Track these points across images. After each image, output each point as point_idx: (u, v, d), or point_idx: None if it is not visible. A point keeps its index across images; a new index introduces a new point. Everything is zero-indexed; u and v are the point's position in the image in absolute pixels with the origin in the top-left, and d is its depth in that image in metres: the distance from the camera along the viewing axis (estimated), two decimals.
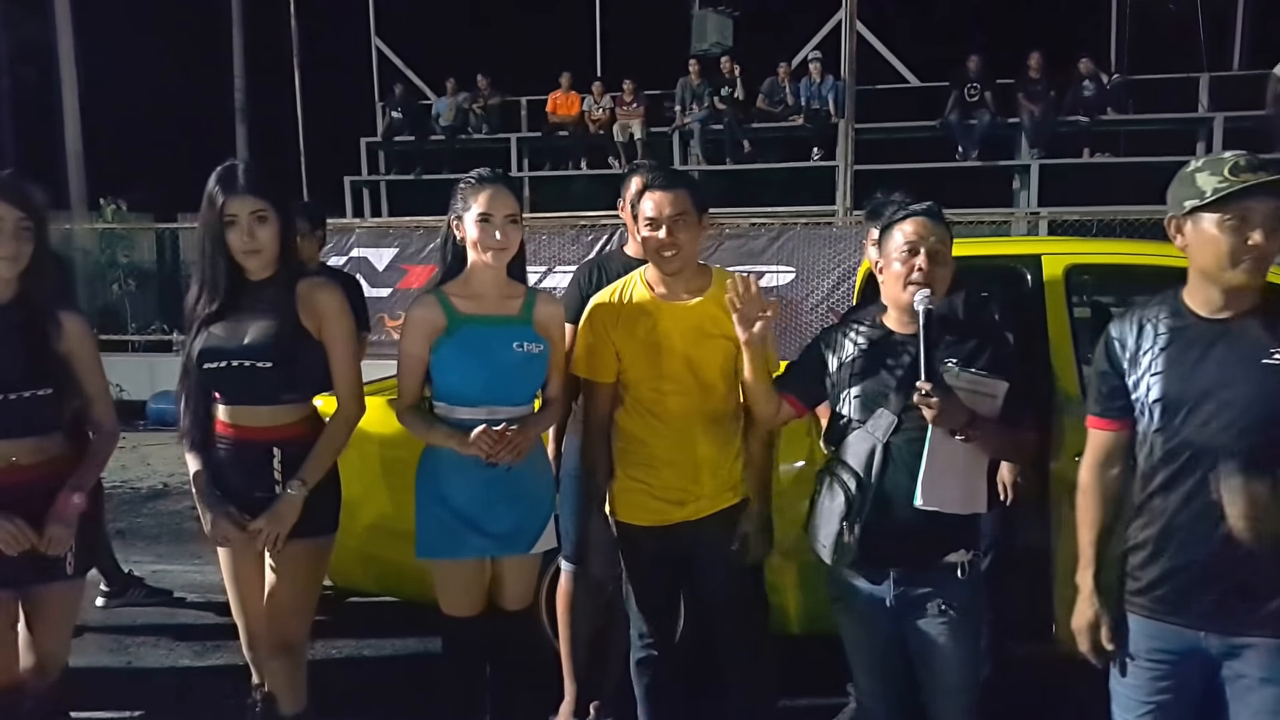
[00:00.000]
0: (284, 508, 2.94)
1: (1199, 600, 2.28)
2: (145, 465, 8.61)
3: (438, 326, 3.00)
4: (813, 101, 13.99)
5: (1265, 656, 2.22)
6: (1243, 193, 2.20)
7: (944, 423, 2.55)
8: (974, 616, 2.73)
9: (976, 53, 13.46)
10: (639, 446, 3.11)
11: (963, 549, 2.66)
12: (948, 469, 2.60)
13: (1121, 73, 13.90)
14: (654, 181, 3.04)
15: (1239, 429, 2.21)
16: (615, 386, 3.14)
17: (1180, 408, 2.28)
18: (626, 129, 14.48)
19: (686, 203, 2.99)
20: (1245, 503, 2.19)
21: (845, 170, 12.56)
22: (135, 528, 6.77)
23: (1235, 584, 2.24)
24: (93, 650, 4.47)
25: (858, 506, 2.67)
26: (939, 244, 2.67)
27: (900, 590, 2.69)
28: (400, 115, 15.63)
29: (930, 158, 13.69)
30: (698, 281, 3.09)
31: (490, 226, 2.96)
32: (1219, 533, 2.23)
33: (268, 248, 2.96)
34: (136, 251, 13.13)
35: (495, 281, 3.06)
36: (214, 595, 5.04)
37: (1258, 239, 2.20)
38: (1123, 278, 4.99)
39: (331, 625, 3.43)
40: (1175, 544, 2.31)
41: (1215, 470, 2.23)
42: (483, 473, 2.97)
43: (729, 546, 3.09)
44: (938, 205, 2.76)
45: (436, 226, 3.13)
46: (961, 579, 2.66)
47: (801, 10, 15.09)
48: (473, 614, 3.13)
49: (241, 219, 2.91)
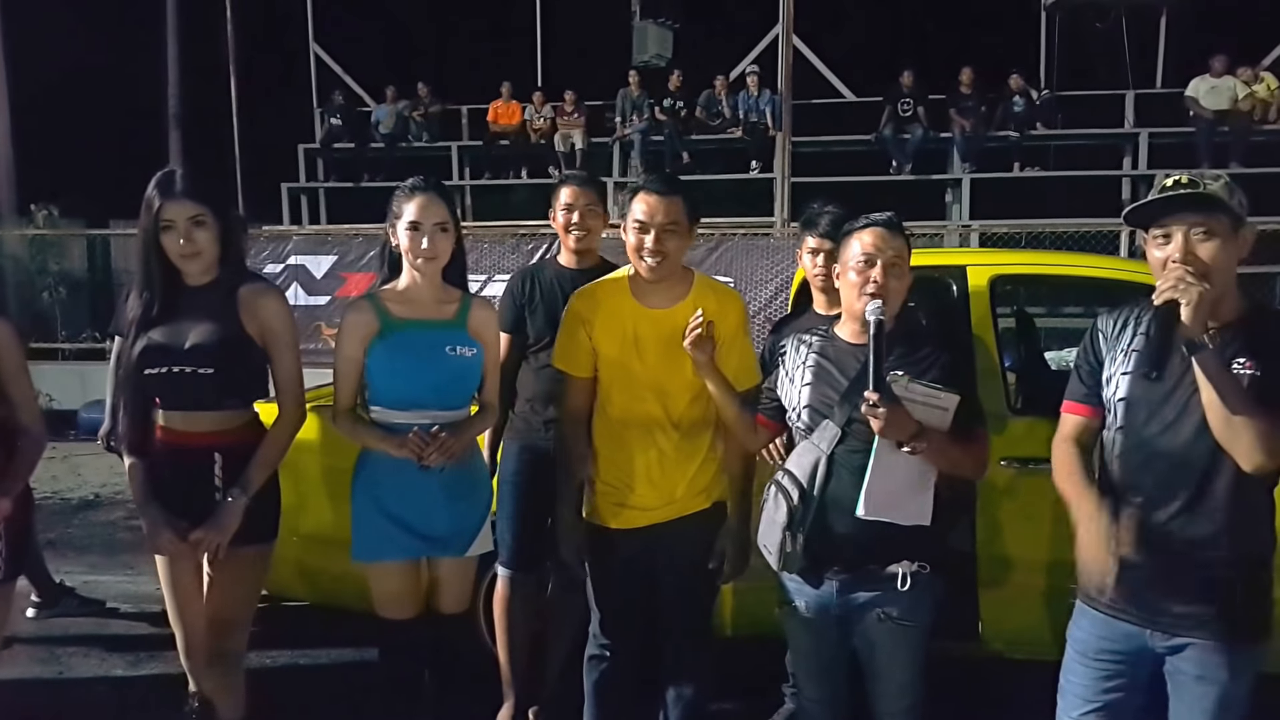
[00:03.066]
0: (226, 516, 2.92)
1: (1146, 599, 2.36)
2: (76, 475, 8.47)
3: (371, 330, 3.02)
4: (750, 114, 14.16)
5: (1201, 654, 2.32)
6: (1163, 209, 2.27)
7: (890, 434, 2.55)
8: (917, 626, 2.73)
9: (910, 69, 13.73)
10: (610, 449, 3.11)
11: (906, 559, 2.67)
12: (892, 480, 2.60)
13: (1051, 89, 14.25)
14: (649, 185, 2.99)
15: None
16: (592, 382, 3.13)
17: (1141, 410, 2.36)
18: (567, 139, 14.54)
19: (679, 211, 2.96)
20: None
21: (782, 183, 12.67)
22: (66, 538, 6.64)
23: (1177, 586, 2.32)
24: (24, 661, 4.40)
25: (800, 516, 2.69)
26: (895, 256, 2.69)
27: (843, 597, 2.72)
28: (339, 122, 15.51)
29: (865, 171, 13.90)
30: (679, 288, 3.07)
31: (419, 235, 3.00)
32: (1165, 535, 2.33)
33: (205, 252, 2.95)
34: (67, 258, 12.86)
35: (430, 287, 3.09)
36: (147, 605, 4.99)
37: (1174, 254, 2.26)
38: (1046, 287, 5.09)
39: (265, 635, 3.40)
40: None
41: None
42: (418, 476, 2.99)
43: (698, 553, 3.10)
44: (898, 217, 2.76)
45: (376, 234, 3.15)
46: (903, 589, 2.66)
47: (739, 24, 15.26)
48: (409, 617, 3.14)
49: (178, 223, 2.90)
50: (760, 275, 9.56)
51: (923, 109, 13.69)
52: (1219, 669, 2.31)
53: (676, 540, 3.09)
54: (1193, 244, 2.27)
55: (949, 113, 13.69)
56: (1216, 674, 2.31)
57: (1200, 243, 2.27)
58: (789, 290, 5.11)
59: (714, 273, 9.59)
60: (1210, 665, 2.31)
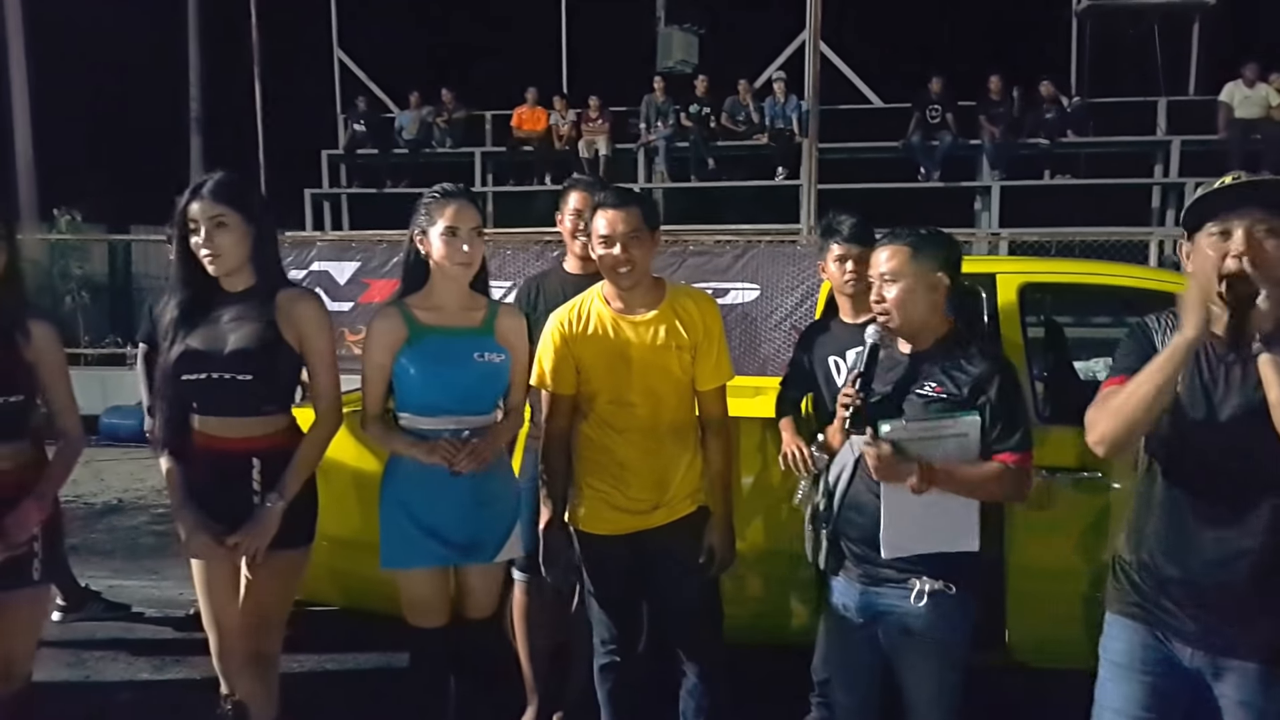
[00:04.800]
0: (264, 520, 2.94)
1: (1190, 616, 2.26)
2: (99, 480, 8.43)
3: (400, 337, 3.04)
4: (777, 120, 14.07)
5: (1245, 679, 2.21)
6: (1224, 203, 2.15)
7: (886, 478, 2.57)
8: (940, 642, 2.70)
9: (939, 75, 13.63)
10: (598, 456, 3.16)
11: (926, 576, 2.65)
12: (906, 517, 2.60)
13: (1082, 96, 14.13)
14: (605, 200, 3.09)
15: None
16: (574, 399, 3.19)
17: (1187, 416, 2.22)
18: (592, 145, 14.48)
19: (638, 219, 3.05)
20: None
21: (809, 189, 12.59)
22: (90, 543, 6.59)
23: (1225, 606, 2.21)
24: (51, 664, 4.39)
25: (824, 514, 2.78)
26: (886, 271, 2.70)
27: (866, 599, 2.76)
28: (363, 128, 15.53)
29: (893, 178, 13.80)
30: (653, 295, 3.15)
31: (457, 240, 3.01)
32: (1213, 552, 2.21)
33: (227, 255, 2.95)
34: (89, 263, 12.89)
35: (457, 294, 3.11)
36: (172, 610, 5.00)
37: (1235, 248, 2.12)
38: (1076, 297, 5.14)
39: (296, 639, 3.46)
40: (1174, 556, 2.28)
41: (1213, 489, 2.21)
42: (446, 482, 3.00)
43: (689, 554, 3.14)
44: (904, 228, 2.77)
45: (399, 240, 3.14)
46: (919, 605, 2.65)
47: (765, 30, 15.18)
48: (438, 624, 3.16)
49: (201, 224, 2.92)
50: (786, 282, 9.47)
51: (951, 115, 13.57)
52: (1261, 695, 2.20)
53: (669, 545, 3.14)
54: (1256, 240, 2.12)
55: (978, 119, 13.58)
56: (1258, 699, 2.20)
57: (1265, 238, 2.13)
58: (815, 297, 5.05)
59: (740, 280, 9.52)
60: (1253, 690, 2.21)
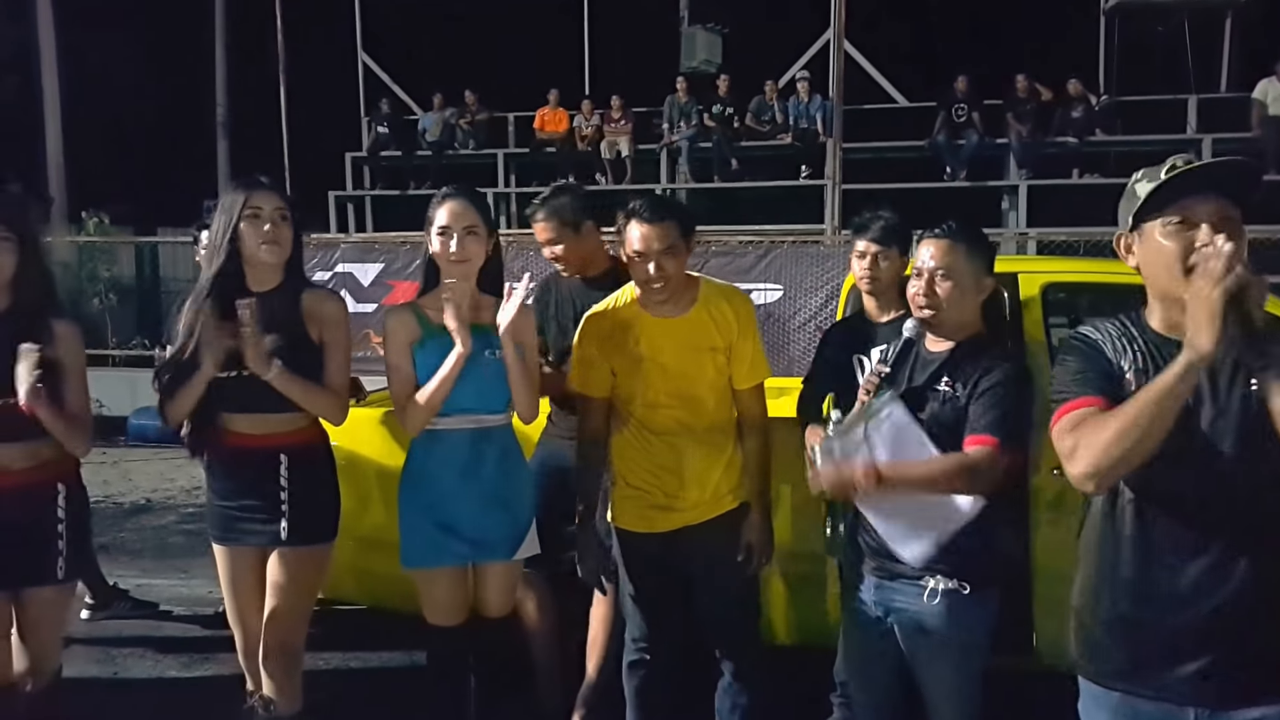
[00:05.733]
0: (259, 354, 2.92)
1: (1190, 668, 1.92)
2: (127, 480, 8.47)
3: (413, 335, 3.09)
4: (801, 120, 14.02)
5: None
6: (1180, 189, 1.92)
7: (835, 490, 2.60)
8: (956, 643, 2.67)
9: (964, 73, 13.54)
10: (636, 457, 3.15)
11: (940, 575, 2.62)
12: (897, 517, 2.61)
13: (1110, 94, 13.98)
14: (639, 212, 3.03)
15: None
16: (608, 402, 3.18)
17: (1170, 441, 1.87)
18: (614, 146, 14.48)
19: (673, 234, 3.00)
20: None
21: (833, 189, 12.49)
22: (119, 542, 6.62)
23: (1229, 646, 1.90)
24: (80, 661, 4.43)
25: (839, 508, 2.81)
26: (940, 266, 2.69)
27: (881, 595, 2.74)
28: (386, 130, 15.60)
29: (918, 178, 13.74)
30: (686, 295, 3.12)
31: (448, 239, 3.04)
32: (1206, 589, 1.91)
33: (285, 245, 3.04)
34: (117, 265, 12.97)
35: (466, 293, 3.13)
36: (200, 608, 5.03)
37: (1204, 236, 1.88)
38: (1099, 295, 5.12)
39: (318, 637, 3.48)
40: (1158, 601, 1.96)
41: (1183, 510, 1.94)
42: (462, 480, 3.06)
43: (726, 552, 3.12)
44: (955, 224, 2.76)
45: (422, 242, 3.15)
46: (932, 604, 2.63)
47: (789, 29, 15.13)
48: (456, 623, 3.19)
49: (265, 211, 2.99)
50: (810, 282, 9.44)
51: (978, 114, 13.48)
52: None
53: (708, 542, 3.12)
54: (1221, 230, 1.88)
55: (1005, 118, 13.48)
56: None
57: (1223, 228, 1.88)
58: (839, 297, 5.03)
59: (763, 280, 9.48)
60: None
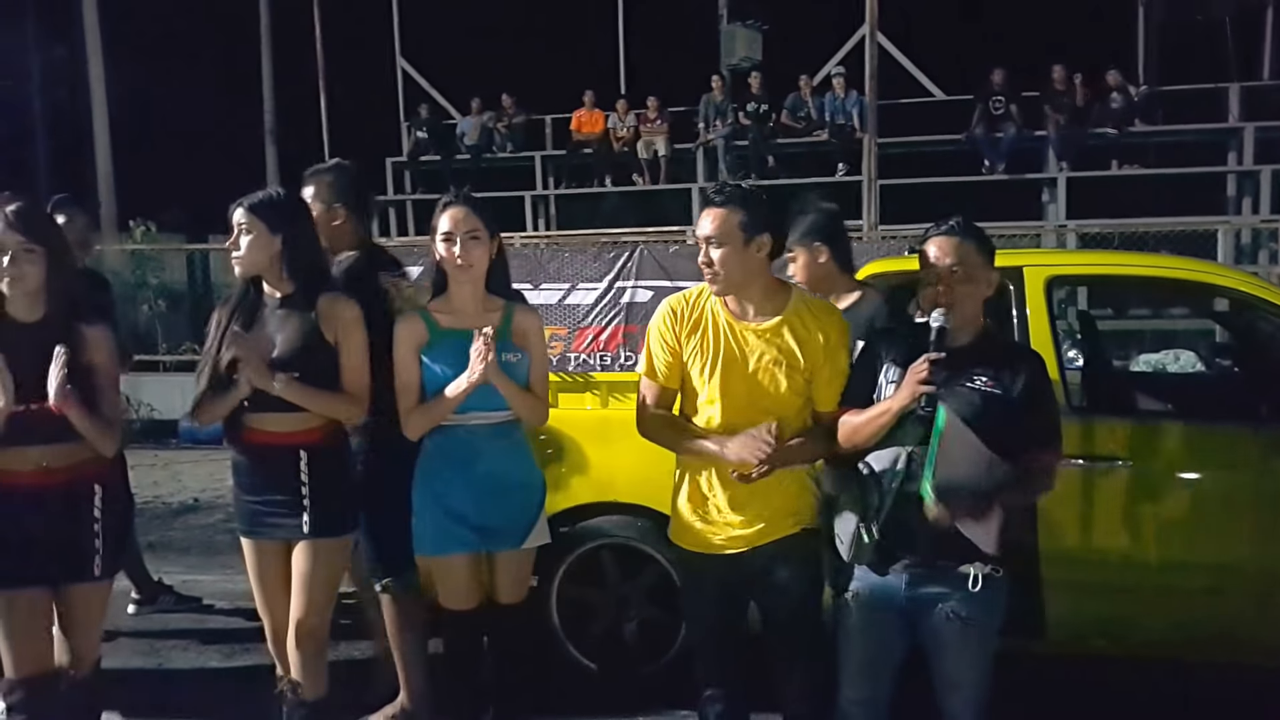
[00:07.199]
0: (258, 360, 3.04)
1: None
2: (177, 481, 8.68)
3: (421, 339, 3.18)
4: (837, 116, 14.00)
5: None
6: None
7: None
8: (986, 627, 2.73)
9: (1001, 66, 13.45)
10: (696, 470, 2.95)
11: (979, 561, 2.65)
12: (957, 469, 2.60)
13: (1150, 84, 13.82)
14: (710, 196, 2.86)
15: None
16: (675, 394, 2.99)
17: None
18: (651, 146, 14.55)
19: (730, 224, 2.77)
20: None
21: (870, 185, 12.46)
22: (167, 540, 6.80)
23: None
24: (126, 653, 4.58)
25: (876, 507, 2.69)
26: (955, 264, 2.72)
27: (912, 590, 2.72)
28: (425, 135, 15.79)
29: (956, 171, 13.67)
30: (773, 302, 2.87)
31: (451, 244, 3.14)
32: None
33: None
34: (167, 273, 13.22)
35: (473, 297, 3.23)
36: (242, 602, 5.05)
37: None
38: (1105, 287, 5.12)
39: (337, 626, 3.50)
40: None
41: None
42: (466, 469, 3.18)
43: (793, 574, 2.92)
44: (961, 220, 2.78)
45: None
46: (973, 590, 2.66)
47: (824, 25, 15.10)
48: (469, 607, 3.31)
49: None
50: None
51: (1015, 107, 13.38)
52: None
53: (772, 564, 2.91)
54: None
55: (1044, 110, 13.36)
56: None
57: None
58: None
59: None
60: None
